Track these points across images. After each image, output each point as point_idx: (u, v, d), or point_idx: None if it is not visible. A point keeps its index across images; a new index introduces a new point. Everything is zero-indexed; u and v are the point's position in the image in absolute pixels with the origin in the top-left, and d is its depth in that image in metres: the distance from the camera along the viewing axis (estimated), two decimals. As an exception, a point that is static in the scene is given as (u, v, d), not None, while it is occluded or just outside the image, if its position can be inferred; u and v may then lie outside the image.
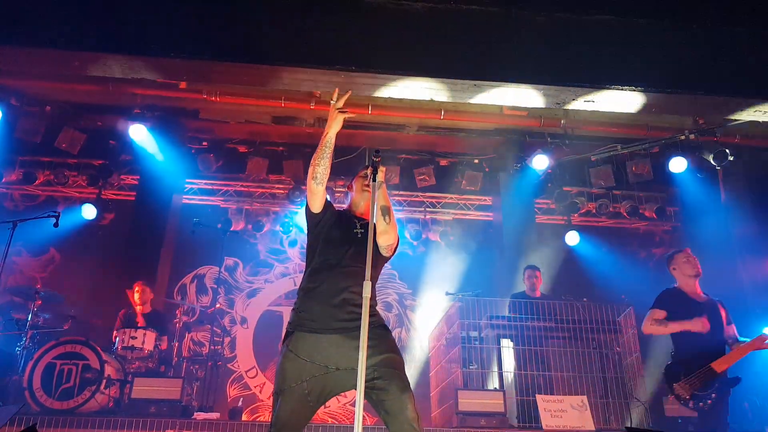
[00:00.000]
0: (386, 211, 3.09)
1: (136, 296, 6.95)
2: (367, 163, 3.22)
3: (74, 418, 5.00)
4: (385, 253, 3.20)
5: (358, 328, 2.84)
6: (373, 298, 3.15)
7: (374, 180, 2.97)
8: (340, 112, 3.11)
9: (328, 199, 3.31)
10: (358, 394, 2.25)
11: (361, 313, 2.91)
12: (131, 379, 5.64)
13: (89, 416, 5.12)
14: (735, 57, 6.15)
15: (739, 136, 7.95)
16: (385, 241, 3.13)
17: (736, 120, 6.82)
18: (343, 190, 8.61)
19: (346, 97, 3.17)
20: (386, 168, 3.28)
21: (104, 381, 5.57)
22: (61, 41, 5.33)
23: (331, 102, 3.16)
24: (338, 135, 3.20)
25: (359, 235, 3.15)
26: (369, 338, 2.86)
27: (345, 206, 3.48)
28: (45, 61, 5.62)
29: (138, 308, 6.86)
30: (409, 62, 5.75)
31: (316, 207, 3.20)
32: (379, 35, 5.79)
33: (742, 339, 4.89)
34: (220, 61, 5.59)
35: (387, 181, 3.38)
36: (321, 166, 3.09)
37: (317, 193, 3.14)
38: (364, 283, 2.57)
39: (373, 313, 3.06)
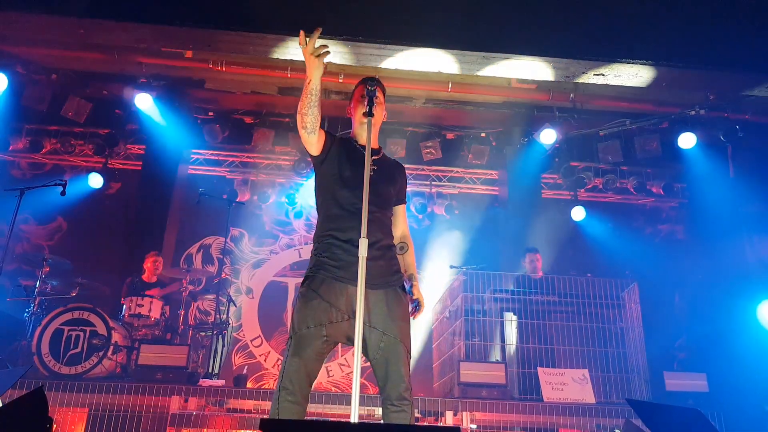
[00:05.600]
0: None
1: (148, 265, 7.01)
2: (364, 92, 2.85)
3: (82, 382, 5.08)
4: None
5: (387, 284, 2.83)
6: (391, 246, 2.99)
7: (371, 114, 2.72)
8: (316, 56, 2.67)
9: (327, 131, 3.01)
10: (356, 360, 2.25)
11: (390, 269, 2.90)
12: (138, 346, 5.71)
13: (96, 381, 5.20)
14: (747, 33, 6.04)
15: (750, 113, 7.85)
16: None
17: (747, 96, 6.73)
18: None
19: (316, 36, 2.65)
20: (383, 96, 3.03)
21: (111, 347, 5.65)
22: (65, 8, 5.29)
23: (300, 46, 2.68)
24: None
25: (372, 173, 2.80)
26: (388, 300, 2.81)
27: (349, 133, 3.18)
28: (49, 27, 5.57)
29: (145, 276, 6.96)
30: (417, 33, 5.67)
31: (315, 150, 2.95)
32: (386, 5, 5.71)
33: None
34: (225, 30, 5.53)
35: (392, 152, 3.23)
36: (309, 116, 2.76)
37: (311, 141, 2.87)
38: (360, 240, 2.38)
39: (397, 270, 2.95)
